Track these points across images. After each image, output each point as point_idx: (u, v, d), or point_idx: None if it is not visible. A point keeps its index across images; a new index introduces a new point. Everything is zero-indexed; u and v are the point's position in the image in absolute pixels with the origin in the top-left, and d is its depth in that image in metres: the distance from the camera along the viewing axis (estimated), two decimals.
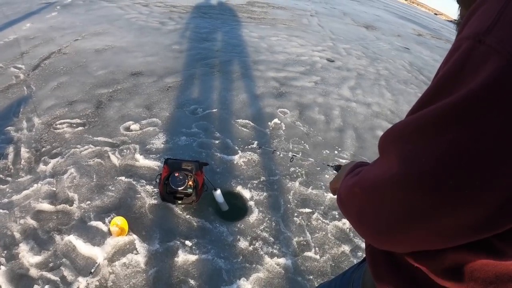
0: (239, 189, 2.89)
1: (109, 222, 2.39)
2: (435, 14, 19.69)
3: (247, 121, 3.84)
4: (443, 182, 0.48)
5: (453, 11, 0.73)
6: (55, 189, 2.64)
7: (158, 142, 3.25)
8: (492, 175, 0.45)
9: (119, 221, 2.33)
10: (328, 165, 1.54)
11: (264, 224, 2.63)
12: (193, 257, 2.29)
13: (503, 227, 0.49)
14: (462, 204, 0.48)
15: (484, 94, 0.44)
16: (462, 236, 0.53)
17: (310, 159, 2.64)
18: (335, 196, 0.91)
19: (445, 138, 0.47)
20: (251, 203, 2.78)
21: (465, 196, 0.47)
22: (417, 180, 0.51)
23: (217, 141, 3.39)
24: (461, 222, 0.50)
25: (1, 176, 2.70)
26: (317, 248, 2.53)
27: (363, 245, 2.62)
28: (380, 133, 4.05)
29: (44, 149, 3.02)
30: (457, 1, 0.69)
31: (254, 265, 2.32)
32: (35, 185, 2.65)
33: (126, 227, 2.33)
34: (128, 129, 3.40)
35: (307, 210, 2.82)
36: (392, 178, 0.55)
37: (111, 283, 2.08)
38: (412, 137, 0.52)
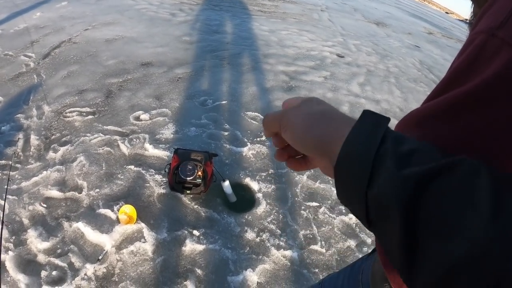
0: (248, 181, 2.89)
1: (118, 210, 2.40)
2: (446, 12, 19.51)
3: (256, 113, 3.83)
4: None
5: (464, 10, 0.74)
6: (64, 177, 2.65)
7: (168, 132, 3.26)
8: (504, 161, 0.46)
9: (127, 209, 2.34)
10: None
11: (272, 216, 2.63)
12: (200, 247, 2.30)
13: None
14: None
15: (496, 83, 0.45)
16: None
17: None
18: None
19: (459, 124, 0.49)
20: (259, 195, 2.78)
21: None
22: None
23: (226, 133, 3.39)
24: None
25: (10, 162, 2.72)
26: (323, 242, 2.53)
27: (369, 240, 2.62)
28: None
29: (53, 136, 3.03)
30: None
31: (260, 257, 2.32)
32: (44, 172, 2.66)
33: (134, 215, 2.34)
34: (137, 118, 3.41)
35: (314, 204, 2.82)
36: None
37: (118, 271, 2.09)
38: (427, 123, 0.54)
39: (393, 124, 0.50)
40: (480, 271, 0.34)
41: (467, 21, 0.76)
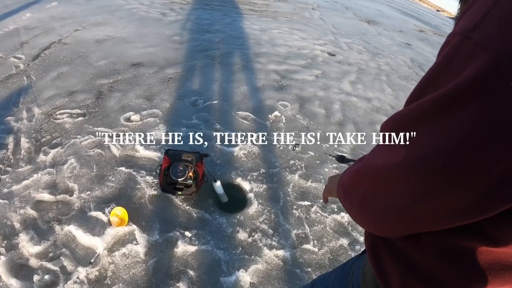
0: (239, 181, 2.89)
1: (109, 212, 2.39)
2: (437, 10, 19.57)
3: (247, 113, 3.83)
4: (437, 167, 0.51)
5: (455, 8, 0.75)
6: (55, 179, 2.64)
7: (159, 133, 3.25)
8: (480, 162, 0.48)
9: (119, 212, 2.34)
10: (330, 155, 1.54)
11: (264, 216, 2.64)
12: (192, 248, 2.30)
13: (491, 211, 0.52)
14: (453, 188, 0.51)
15: (471, 87, 0.47)
16: (454, 219, 0.56)
17: (310, 152, 2.64)
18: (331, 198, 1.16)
19: (438, 126, 0.51)
20: (251, 195, 2.79)
21: (455, 181, 0.50)
22: (415, 165, 0.54)
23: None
24: (452, 205, 0.53)
25: (1, 166, 2.70)
26: (315, 241, 2.54)
27: (361, 238, 2.63)
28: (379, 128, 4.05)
29: (44, 139, 3.01)
30: None
31: (253, 257, 2.33)
32: (35, 175, 2.65)
33: (126, 217, 2.34)
34: (128, 119, 3.40)
35: (306, 203, 2.83)
36: (393, 164, 0.59)
37: (111, 273, 2.09)
38: (411, 125, 0.56)
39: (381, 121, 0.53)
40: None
41: (455, 17, 0.76)
